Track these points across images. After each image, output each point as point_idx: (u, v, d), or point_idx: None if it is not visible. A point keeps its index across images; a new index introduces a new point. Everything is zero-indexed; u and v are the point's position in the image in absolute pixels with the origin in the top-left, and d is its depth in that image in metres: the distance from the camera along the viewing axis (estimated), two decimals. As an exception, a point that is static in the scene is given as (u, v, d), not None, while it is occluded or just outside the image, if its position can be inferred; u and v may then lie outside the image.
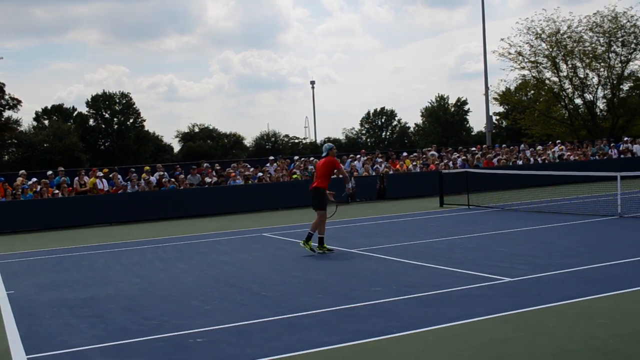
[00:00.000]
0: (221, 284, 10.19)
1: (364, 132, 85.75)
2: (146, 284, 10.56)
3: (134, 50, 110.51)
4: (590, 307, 7.47)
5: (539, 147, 33.36)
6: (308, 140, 78.87)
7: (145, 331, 7.45)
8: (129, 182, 23.67)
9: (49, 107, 73.12)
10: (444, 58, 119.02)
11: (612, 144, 34.87)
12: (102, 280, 11.23)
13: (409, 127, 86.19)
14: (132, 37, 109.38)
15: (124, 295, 9.70)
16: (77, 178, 23.50)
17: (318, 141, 78.71)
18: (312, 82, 77.82)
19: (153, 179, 24.39)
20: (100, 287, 10.55)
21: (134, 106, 74.49)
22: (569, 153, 32.39)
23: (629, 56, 44.19)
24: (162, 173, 25.12)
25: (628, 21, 42.94)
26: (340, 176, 14.04)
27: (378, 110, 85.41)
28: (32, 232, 21.30)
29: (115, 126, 73.20)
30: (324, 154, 13.58)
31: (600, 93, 45.99)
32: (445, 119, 79.93)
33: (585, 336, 6.34)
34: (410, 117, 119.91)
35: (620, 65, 44.39)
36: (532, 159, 30.95)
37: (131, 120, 74.02)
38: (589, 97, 46.11)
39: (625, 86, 46.44)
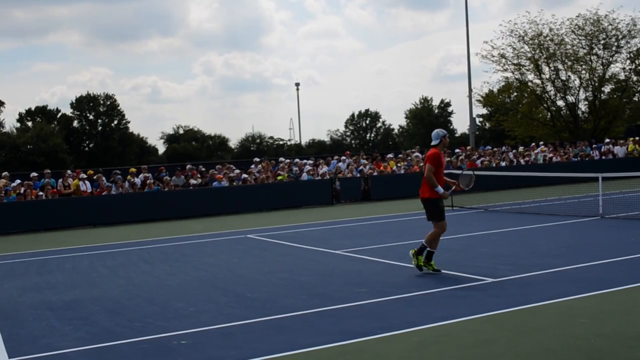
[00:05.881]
0: (206, 286, 10.19)
1: (348, 133, 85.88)
2: (130, 286, 10.54)
3: (117, 52, 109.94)
4: (573, 307, 7.55)
5: (522, 149, 33.56)
6: (293, 142, 78.97)
7: (129, 333, 7.44)
8: (113, 184, 23.57)
9: (33, 108, 72.66)
10: (427, 60, 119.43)
11: (593, 146, 35.14)
12: (86, 282, 11.18)
13: (393, 129, 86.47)
14: (115, 38, 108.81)
15: (108, 298, 9.67)
16: (61, 180, 23.37)
17: (303, 143, 78.87)
18: (297, 84, 77.94)
19: (137, 180, 24.30)
20: (84, 289, 10.51)
21: (118, 108, 74.18)
22: (551, 155, 32.61)
23: (610, 59, 44.54)
24: (146, 175, 25.03)
25: (610, 24, 43.29)
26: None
27: (362, 112, 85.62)
28: (15, 234, 21.14)
29: (100, 128, 72.81)
30: (433, 143, 10.27)
31: (582, 95, 46.34)
32: (429, 120, 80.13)
33: (568, 336, 6.40)
34: (394, 118, 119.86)
35: (601, 67, 44.72)
36: (515, 160, 31.13)
37: (115, 122, 73.65)
38: (571, 99, 46.44)
39: (607, 88, 46.79)
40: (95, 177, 23.97)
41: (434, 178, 9.87)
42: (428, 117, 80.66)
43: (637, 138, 35.06)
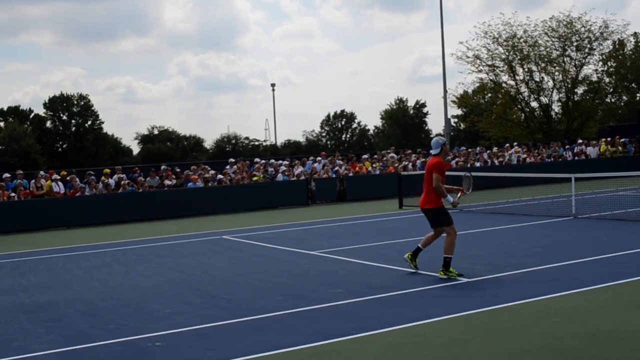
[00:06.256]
0: (181, 287, 10.14)
1: (324, 134, 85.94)
2: (105, 288, 10.46)
3: (91, 51, 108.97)
4: (546, 306, 7.62)
5: (496, 149, 33.82)
6: (268, 143, 78.87)
7: (103, 335, 7.38)
8: (87, 185, 23.36)
9: (5, 108, 71.78)
10: (402, 61, 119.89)
11: (566, 147, 35.53)
12: (60, 284, 11.08)
13: (368, 130, 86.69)
14: (88, 38, 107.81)
15: (82, 300, 9.60)
16: (33, 181, 23.13)
17: (278, 143, 78.80)
18: (273, 85, 77.88)
19: (112, 181, 24.11)
20: (58, 291, 10.41)
21: (92, 108, 73.54)
22: (525, 155, 32.90)
23: (583, 60, 45.05)
24: (121, 175, 24.85)
25: (583, 26, 43.78)
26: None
27: (338, 112, 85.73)
28: (-14, 236, 20.88)
29: (73, 128, 72.14)
30: (433, 152, 10.19)
31: (555, 96, 46.80)
32: (404, 121, 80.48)
33: (541, 335, 6.47)
34: (369, 119, 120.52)
35: (574, 69, 45.22)
36: (489, 161, 31.37)
37: (89, 123, 73.00)
38: (544, 100, 46.88)
39: (580, 90, 47.31)
40: (68, 178, 23.73)
41: (442, 188, 9.78)
42: (403, 117, 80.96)
43: (609, 139, 35.52)
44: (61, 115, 72.45)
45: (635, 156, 33.49)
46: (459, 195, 10.47)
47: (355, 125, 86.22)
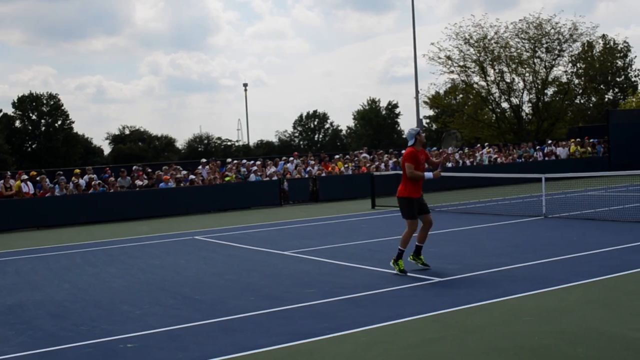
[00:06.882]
0: (153, 288, 10.07)
1: (296, 134, 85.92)
2: (75, 289, 10.34)
3: (60, 50, 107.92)
4: (517, 305, 7.69)
5: (467, 150, 34.06)
6: (241, 143, 78.70)
7: (73, 337, 7.30)
8: (57, 185, 23.10)
9: (-28, 108, 70.72)
10: (374, 62, 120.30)
11: (537, 147, 35.90)
12: (29, 285, 10.94)
13: (341, 130, 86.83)
14: (58, 37, 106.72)
15: (52, 301, 9.48)
16: (2, 181, 22.79)
17: (251, 144, 78.63)
18: (245, 85, 77.81)
19: (82, 182, 23.86)
20: (27, 293, 10.27)
21: (62, 107, 72.74)
22: (496, 156, 33.17)
23: (553, 62, 45.52)
24: (91, 176, 24.61)
25: (552, 28, 44.25)
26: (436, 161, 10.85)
27: (310, 113, 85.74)
28: (-47, 237, 20.56)
29: (43, 128, 71.29)
30: (409, 143, 10.31)
31: (525, 97, 47.23)
32: (376, 122, 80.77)
33: (513, 333, 6.52)
34: (342, 120, 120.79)
35: (544, 70, 45.68)
36: (460, 161, 31.58)
37: (59, 122, 72.20)
38: (515, 101, 47.29)
39: (550, 91, 47.81)
40: (38, 179, 23.45)
41: (417, 172, 9.95)
42: (376, 118, 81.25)
43: (578, 140, 35.96)
44: (30, 114, 71.56)
45: (604, 157, 33.98)
46: (441, 160, 10.70)
47: (327, 125, 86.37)
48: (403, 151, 10.42)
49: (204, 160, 28.60)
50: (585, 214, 16.67)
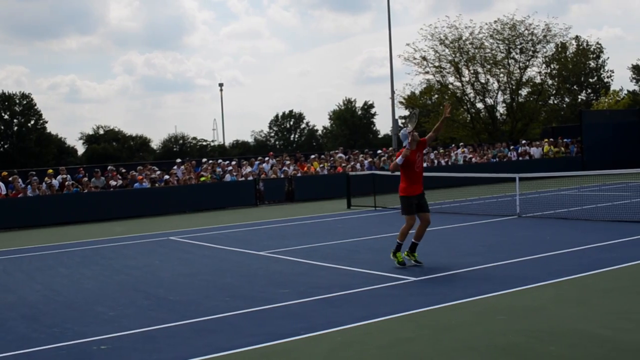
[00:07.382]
0: (127, 290, 10.00)
1: (272, 134, 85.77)
2: (48, 291, 10.24)
3: (33, 49, 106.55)
4: (491, 304, 7.75)
5: (442, 150, 34.23)
6: (216, 143, 78.34)
7: (46, 340, 7.23)
8: (29, 186, 22.85)
9: (-57, 107, 69.70)
10: (350, 62, 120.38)
11: (511, 147, 36.20)
12: (0, 287, 10.81)
13: (316, 130, 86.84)
14: (31, 36, 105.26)
15: (24, 303, 9.38)
16: (-27, 182, 22.53)
17: (226, 144, 78.35)
18: (221, 85, 77.48)
19: (55, 182, 23.62)
20: (-1, 295, 10.16)
21: (35, 107, 71.93)
22: (471, 155, 33.39)
23: (527, 63, 45.88)
24: (65, 176, 24.39)
25: (526, 29, 44.61)
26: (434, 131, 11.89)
27: (286, 113, 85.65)
28: None
29: (15, 128, 70.42)
30: (404, 144, 11.02)
31: (500, 98, 47.52)
32: (352, 122, 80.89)
33: (487, 332, 6.57)
34: (318, 120, 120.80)
35: (518, 71, 46.03)
36: (435, 161, 31.74)
37: (32, 122, 71.38)
38: (489, 101, 47.59)
39: (524, 91, 48.17)
40: (10, 179, 23.18)
41: (394, 164, 10.77)
42: (351, 118, 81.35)
43: (552, 140, 36.32)
44: (2, 114, 70.63)
45: (577, 156, 34.35)
46: (408, 134, 11.03)
47: (303, 125, 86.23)
48: (379, 151, 10.73)
49: (179, 160, 28.47)
50: (559, 213, 16.83)
